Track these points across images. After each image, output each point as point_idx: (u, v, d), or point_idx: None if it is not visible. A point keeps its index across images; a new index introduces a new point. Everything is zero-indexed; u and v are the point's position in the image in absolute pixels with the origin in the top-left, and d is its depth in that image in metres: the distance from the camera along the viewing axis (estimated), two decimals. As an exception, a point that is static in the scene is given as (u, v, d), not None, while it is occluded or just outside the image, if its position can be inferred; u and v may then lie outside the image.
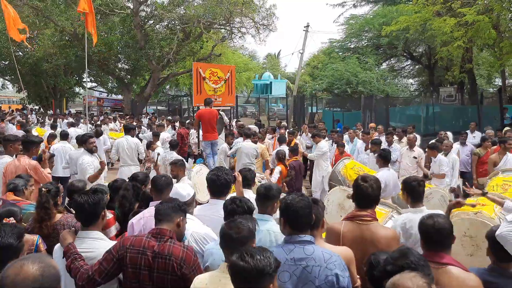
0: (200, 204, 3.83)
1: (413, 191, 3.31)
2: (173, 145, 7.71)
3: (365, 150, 8.36)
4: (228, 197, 3.16)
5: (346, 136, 9.67)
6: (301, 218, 2.30)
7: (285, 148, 7.83)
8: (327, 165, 8.09)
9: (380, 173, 5.38)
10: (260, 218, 3.01)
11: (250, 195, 3.95)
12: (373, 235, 2.63)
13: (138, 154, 7.84)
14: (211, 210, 3.24)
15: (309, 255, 2.24)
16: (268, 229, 2.91)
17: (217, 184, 3.32)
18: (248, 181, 3.98)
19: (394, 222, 3.23)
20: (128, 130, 8.06)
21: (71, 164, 6.62)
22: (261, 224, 2.98)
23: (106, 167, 5.97)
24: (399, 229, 3.15)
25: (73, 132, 10.26)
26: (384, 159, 5.49)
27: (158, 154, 7.26)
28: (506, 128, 9.47)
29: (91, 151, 6.02)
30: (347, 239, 2.56)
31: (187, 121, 14.26)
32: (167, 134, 10.78)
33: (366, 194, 2.74)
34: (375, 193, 2.74)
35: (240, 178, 3.75)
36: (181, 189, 3.07)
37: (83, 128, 13.01)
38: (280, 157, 6.79)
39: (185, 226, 2.62)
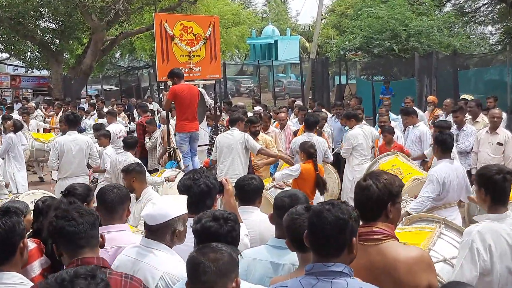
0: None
1: (494, 187, 3.37)
2: (129, 144, 7.73)
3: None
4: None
5: (393, 116, 9.75)
6: (329, 239, 2.35)
7: (314, 138, 7.77)
8: (360, 162, 8.19)
9: (436, 168, 5.40)
10: (281, 246, 3.05)
11: (253, 216, 3.97)
12: (387, 260, 2.64)
13: (89, 159, 8.00)
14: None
15: None
16: (293, 263, 2.94)
17: (195, 192, 3.34)
18: (248, 194, 3.99)
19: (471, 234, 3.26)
20: (73, 123, 8.17)
21: None
22: (282, 254, 3.04)
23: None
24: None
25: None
26: (442, 145, 5.44)
27: None
28: None
29: None
30: None
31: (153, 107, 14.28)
32: (119, 127, 10.78)
33: (365, 198, 2.75)
34: (381, 195, 2.75)
35: (230, 186, 3.77)
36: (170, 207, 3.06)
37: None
38: (309, 151, 6.52)
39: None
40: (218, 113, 10.44)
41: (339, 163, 9.68)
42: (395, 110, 11.09)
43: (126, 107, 17.09)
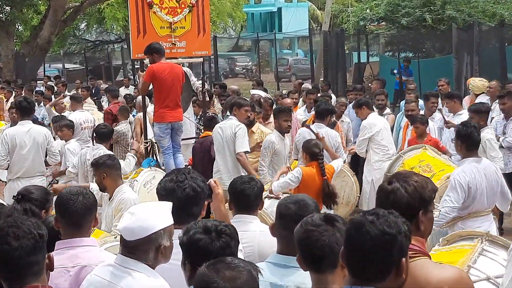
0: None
1: None
2: (101, 135, 7.78)
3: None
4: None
5: (421, 103, 9.86)
6: (371, 259, 2.34)
7: (323, 129, 7.84)
8: (381, 158, 8.26)
9: (458, 170, 5.49)
10: (284, 263, 3.08)
11: (252, 227, 4.00)
12: (417, 282, 2.60)
13: (47, 155, 8.04)
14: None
15: None
16: (298, 286, 2.96)
17: (179, 197, 3.33)
18: (249, 199, 4.03)
19: None
20: (27, 111, 8.23)
21: None
22: (286, 274, 3.05)
23: None
24: None
25: None
26: (467, 141, 5.52)
27: None
28: None
29: None
30: None
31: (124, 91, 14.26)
32: (84, 115, 10.78)
33: (391, 205, 2.73)
34: (410, 201, 2.75)
35: (220, 190, 3.76)
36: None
37: None
38: (312, 151, 6.63)
39: None
40: (208, 98, 10.42)
41: (357, 163, 9.70)
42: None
43: (93, 91, 17.09)
